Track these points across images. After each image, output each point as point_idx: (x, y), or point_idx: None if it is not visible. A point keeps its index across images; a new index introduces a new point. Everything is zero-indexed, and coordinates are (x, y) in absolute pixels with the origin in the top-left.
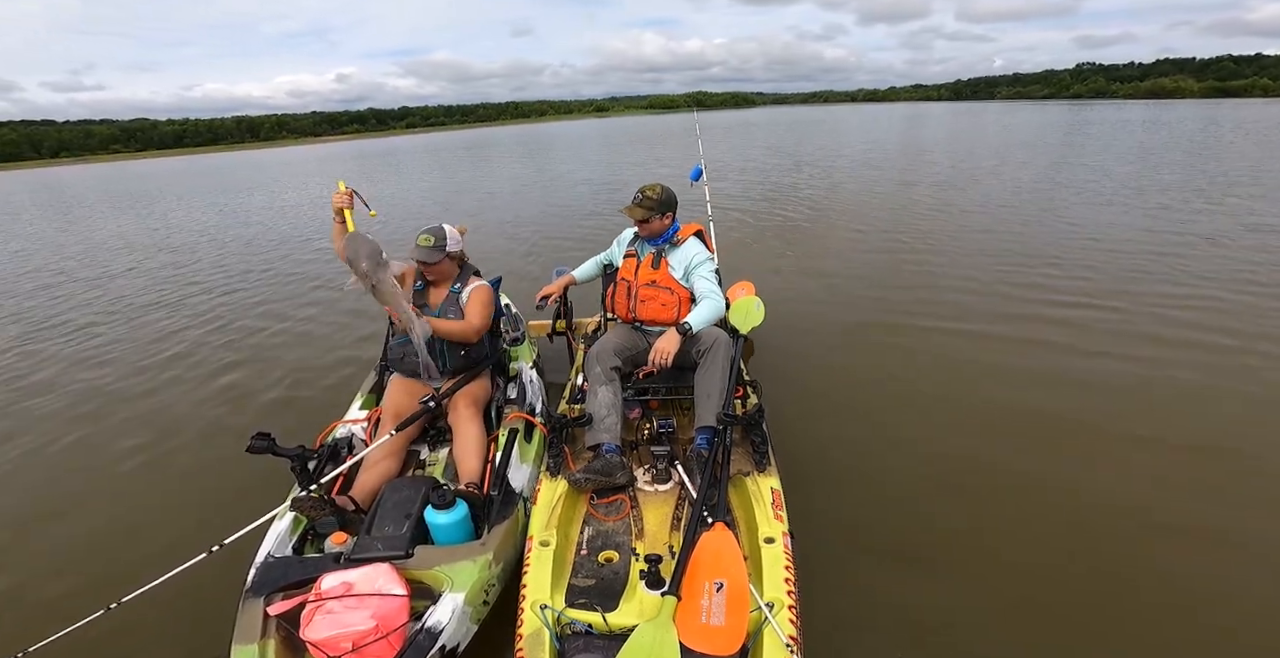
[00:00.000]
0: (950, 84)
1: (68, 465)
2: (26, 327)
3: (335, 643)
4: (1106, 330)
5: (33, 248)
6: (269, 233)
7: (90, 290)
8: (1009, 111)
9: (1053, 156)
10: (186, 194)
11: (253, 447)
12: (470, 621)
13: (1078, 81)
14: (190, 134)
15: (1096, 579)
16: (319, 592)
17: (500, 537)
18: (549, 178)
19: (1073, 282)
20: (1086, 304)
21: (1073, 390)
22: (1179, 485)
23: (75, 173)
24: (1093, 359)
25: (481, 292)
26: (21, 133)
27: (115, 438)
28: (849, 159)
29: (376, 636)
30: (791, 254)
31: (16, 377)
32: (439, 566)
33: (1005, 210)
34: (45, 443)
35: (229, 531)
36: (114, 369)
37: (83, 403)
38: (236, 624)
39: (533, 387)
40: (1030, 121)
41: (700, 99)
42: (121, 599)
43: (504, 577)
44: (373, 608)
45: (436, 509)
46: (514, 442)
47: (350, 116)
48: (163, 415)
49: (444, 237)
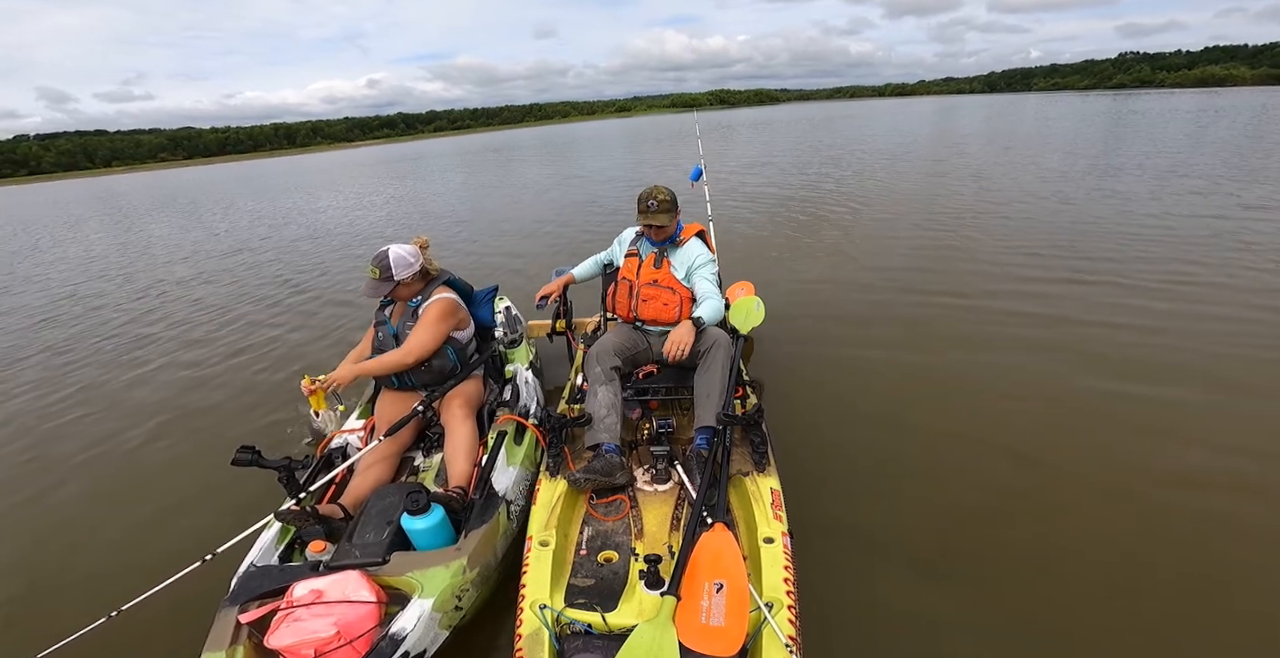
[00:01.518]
0: (983, 76)
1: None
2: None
3: (298, 650)
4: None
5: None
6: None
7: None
8: (1049, 102)
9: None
10: (268, 195)
11: (237, 460)
12: (439, 626)
13: (1121, 71)
14: (232, 142)
15: (1097, 580)
16: (290, 600)
17: (477, 542)
18: (570, 177)
19: (1098, 273)
20: (1076, 280)
21: (1079, 391)
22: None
23: (129, 181)
24: (1097, 360)
25: (433, 308)
26: (76, 143)
27: (129, 441)
28: (861, 157)
29: (340, 642)
30: (792, 254)
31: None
32: (412, 571)
33: (1025, 204)
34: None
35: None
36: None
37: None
38: (209, 633)
39: (528, 388)
40: (1077, 111)
41: (723, 97)
42: (122, 608)
43: (480, 582)
44: (338, 615)
45: (411, 515)
46: (502, 445)
47: (380, 121)
48: (164, 416)
49: (389, 266)
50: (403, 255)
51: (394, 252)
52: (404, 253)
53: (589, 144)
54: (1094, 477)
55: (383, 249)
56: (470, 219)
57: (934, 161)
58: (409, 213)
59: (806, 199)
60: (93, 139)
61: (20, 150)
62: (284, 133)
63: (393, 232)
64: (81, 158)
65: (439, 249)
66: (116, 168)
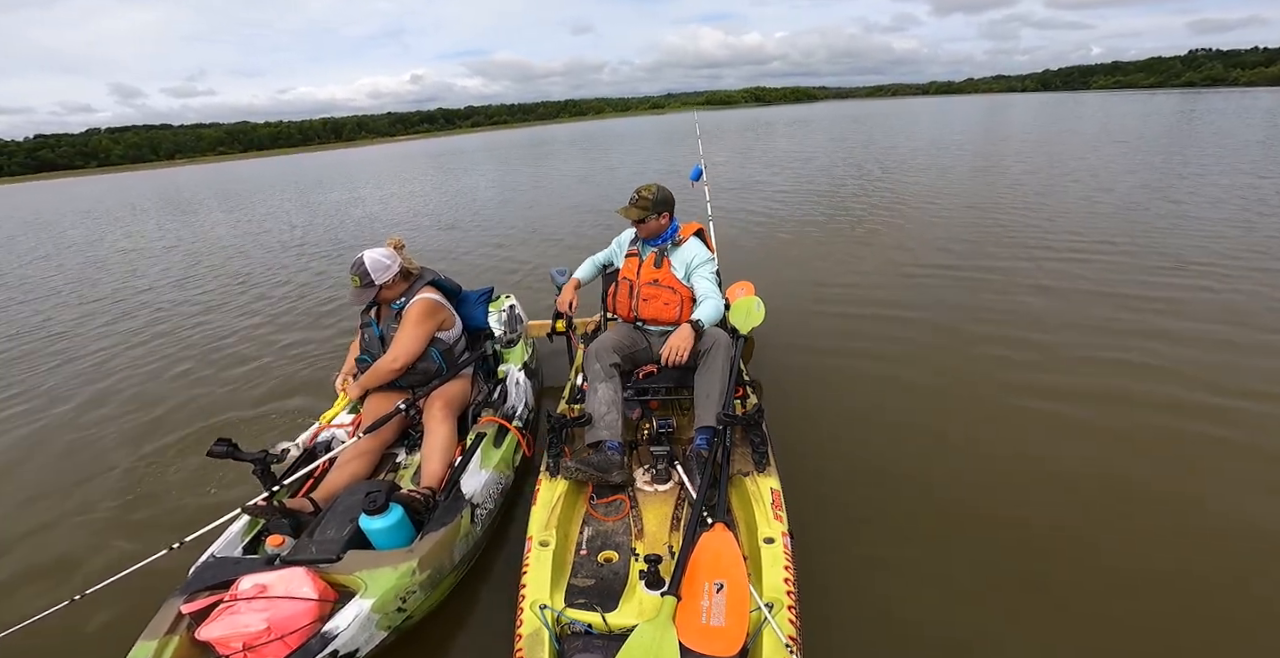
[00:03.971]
0: (1037, 74)
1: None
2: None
3: (227, 642)
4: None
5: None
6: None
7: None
8: (1121, 101)
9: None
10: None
11: (213, 452)
12: (377, 627)
13: (1190, 68)
14: (284, 136)
15: (1097, 580)
16: (234, 593)
17: (432, 544)
18: (606, 169)
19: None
20: (1078, 257)
21: (1082, 391)
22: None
23: (192, 173)
24: (1110, 361)
25: (413, 311)
26: (143, 136)
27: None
28: (875, 159)
29: (269, 637)
30: (793, 254)
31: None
32: (360, 570)
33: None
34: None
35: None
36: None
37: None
38: (152, 620)
39: (517, 389)
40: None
41: (758, 94)
42: (85, 592)
43: (430, 585)
44: (274, 611)
45: (369, 514)
46: (478, 447)
47: (421, 116)
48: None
49: (367, 273)
50: (378, 259)
51: (369, 257)
52: (379, 256)
53: (624, 141)
54: (1095, 477)
55: (358, 257)
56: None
57: (981, 158)
58: (449, 203)
59: (827, 200)
60: (158, 133)
61: (92, 143)
62: (331, 127)
63: (427, 223)
64: (147, 150)
65: (516, 246)
66: (179, 160)
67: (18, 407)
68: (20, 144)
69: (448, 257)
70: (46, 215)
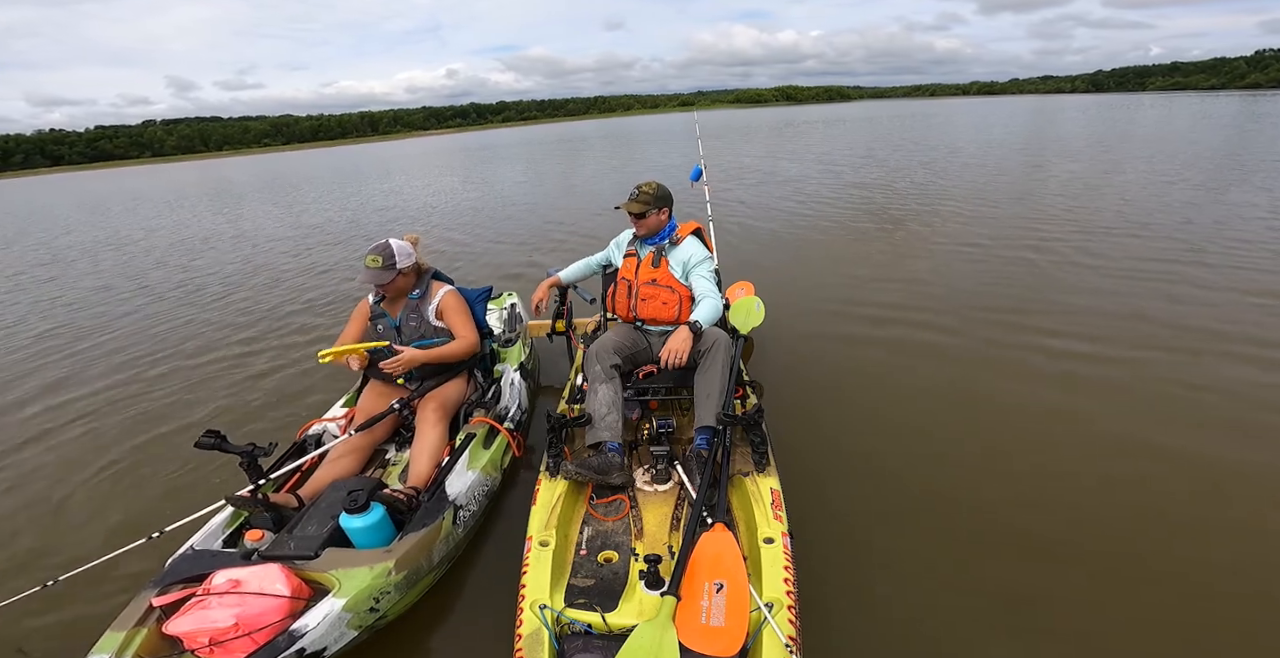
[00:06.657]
0: (1088, 75)
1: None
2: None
3: (194, 637)
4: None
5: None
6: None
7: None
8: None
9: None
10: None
11: (200, 443)
12: (347, 626)
13: (1256, 69)
14: (324, 129)
15: (1097, 581)
16: (207, 587)
17: (410, 545)
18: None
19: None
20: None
21: (1082, 390)
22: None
23: (237, 163)
24: (1101, 360)
25: (450, 300)
26: (195, 128)
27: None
28: (884, 160)
29: (236, 634)
30: (794, 253)
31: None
32: (336, 569)
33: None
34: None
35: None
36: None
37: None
38: (122, 612)
39: (512, 390)
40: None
41: (789, 93)
42: (59, 578)
43: (406, 585)
44: (244, 607)
45: (349, 513)
46: (467, 447)
47: (454, 111)
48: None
49: (391, 255)
50: (404, 246)
51: (395, 243)
52: (404, 244)
53: (651, 137)
54: (1094, 477)
55: (383, 241)
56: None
57: (1000, 162)
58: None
59: (817, 199)
60: (209, 125)
61: (147, 135)
62: (368, 121)
63: (467, 217)
64: (198, 142)
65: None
66: (226, 151)
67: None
68: (81, 135)
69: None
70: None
